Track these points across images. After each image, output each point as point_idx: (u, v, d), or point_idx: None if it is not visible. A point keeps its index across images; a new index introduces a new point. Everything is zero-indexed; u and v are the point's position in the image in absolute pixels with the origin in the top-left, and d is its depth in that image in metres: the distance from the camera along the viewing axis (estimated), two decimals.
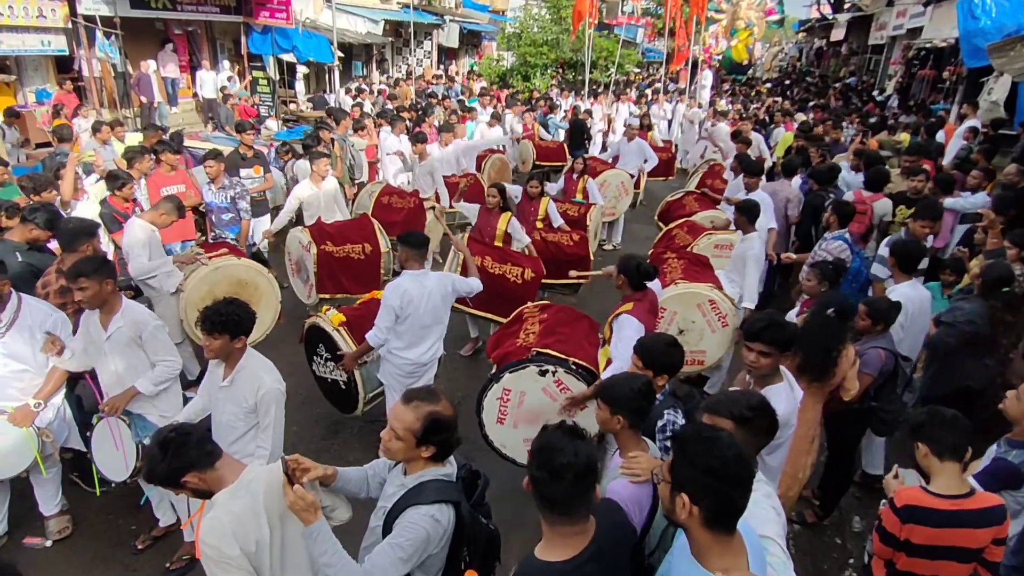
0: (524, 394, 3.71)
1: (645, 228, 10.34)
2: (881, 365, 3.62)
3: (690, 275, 5.09)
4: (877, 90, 21.36)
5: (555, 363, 3.63)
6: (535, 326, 4.08)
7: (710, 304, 4.82)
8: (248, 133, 6.83)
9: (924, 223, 4.82)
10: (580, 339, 3.95)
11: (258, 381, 2.97)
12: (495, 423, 3.81)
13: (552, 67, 22.59)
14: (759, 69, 34.72)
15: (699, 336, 4.91)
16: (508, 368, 3.71)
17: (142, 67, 15.27)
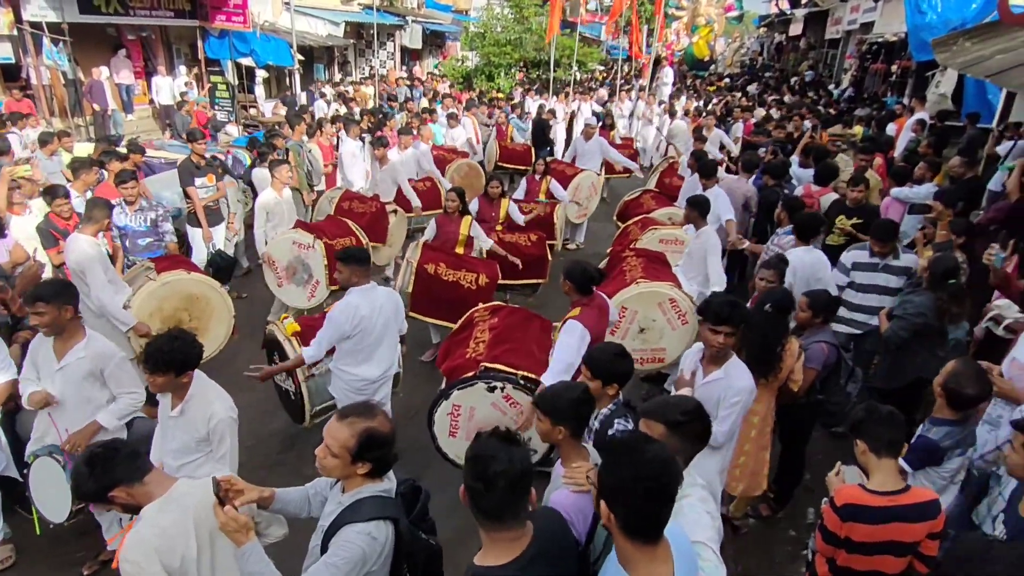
0: (474, 409, 3.73)
1: (608, 227, 10.39)
2: (824, 358, 3.70)
3: (650, 273, 5.14)
4: (833, 84, 21.81)
5: (503, 379, 3.63)
6: (485, 333, 4.08)
7: (670, 303, 4.89)
8: (200, 142, 6.68)
9: (879, 242, 4.79)
10: (530, 345, 3.95)
11: (209, 410, 2.91)
12: (448, 436, 3.81)
13: (516, 66, 22.58)
14: (721, 65, 35.16)
15: (659, 334, 4.98)
16: (456, 385, 3.71)
17: (94, 74, 14.88)
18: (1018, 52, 6.91)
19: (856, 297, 4.91)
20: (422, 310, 5.64)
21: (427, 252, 5.71)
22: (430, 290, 5.57)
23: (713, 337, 3.06)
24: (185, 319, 4.77)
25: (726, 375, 3.10)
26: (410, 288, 5.58)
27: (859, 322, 4.95)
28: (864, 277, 4.87)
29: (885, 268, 4.81)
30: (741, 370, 3.10)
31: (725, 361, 3.12)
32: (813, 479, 4.51)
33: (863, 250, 4.91)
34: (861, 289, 4.89)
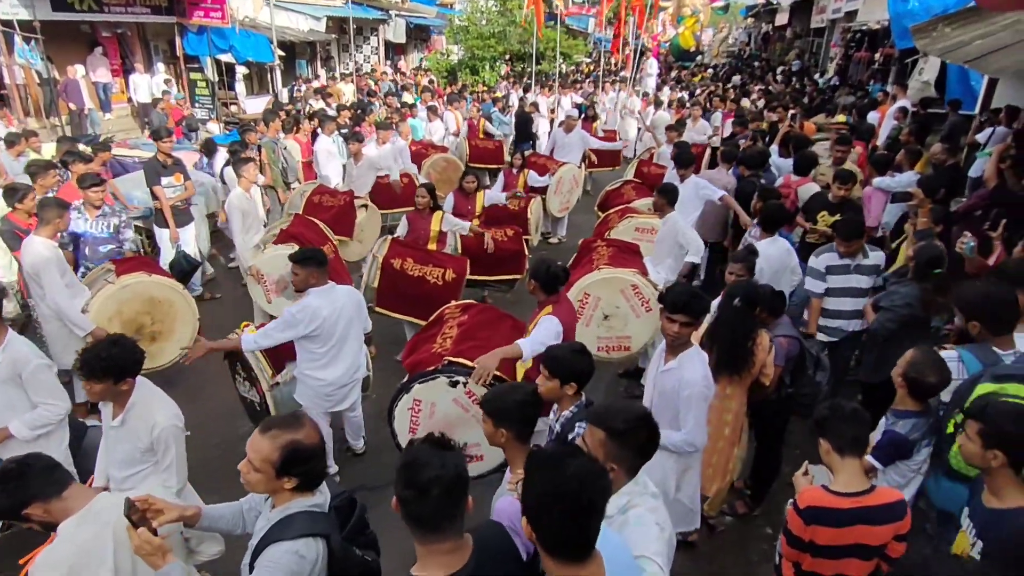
0: (435, 405, 3.60)
1: (591, 219, 10.30)
2: (785, 352, 3.62)
3: (616, 261, 5.11)
4: (819, 73, 21.75)
5: (465, 373, 3.52)
6: (453, 330, 3.97)
7: (633, 289, 4.87)
8: (165, 140, 6.51)
9: (847, 243, 4.48)
10: (499, 343, 3.82)
11: (152, 419, 2.79)
12: (407, 433, 3.69)
13: (500, 60, 22.42)
14: (707, 55, 35.06)
15: (624, 321, 4.97)
16: (418, 378, 3.58)
17: (69, 72, 14.63)
18: (997, 37, 6.84)
19: (832, 303, 4.62)
20: (388, 305, 5.53)
21: (394, 247, 5.61)
22: (396, 285, 5.48)
23: (669, 325, 3.00)
24: (147, 323, 4.65)
25: (679, 365, 3.03)
26: (376, 283, 5.49)
27: (835, 328, 4.67)
28: (839, 281, 4.60)
29: (857, 269, 4.57)
30: (695, 361, 3.02)
31: (682, 351, 3.04)
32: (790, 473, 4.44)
33: (832, 252, 4.60)
34: (837, 294, 4.62)
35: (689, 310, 2.93)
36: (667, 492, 3.11)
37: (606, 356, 5.04)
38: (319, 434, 2.07)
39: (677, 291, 2.99)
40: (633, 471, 2.05)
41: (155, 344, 4.75)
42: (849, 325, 4.61)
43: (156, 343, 4.75)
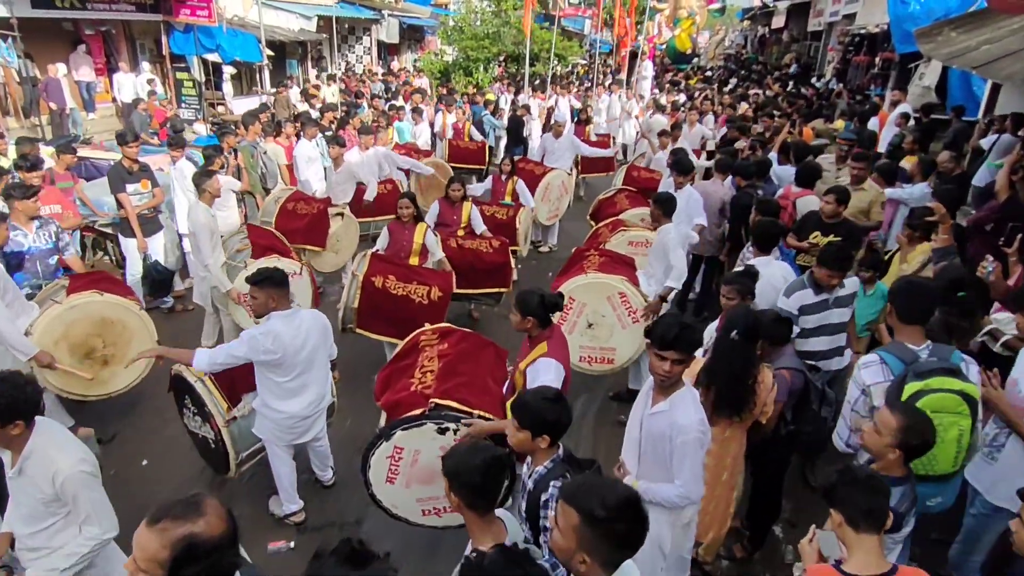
0: (419, 453, 3.24)
1: (582, 227, 9.97)
2: (788, 386, 3.30)
3: (606, 269, 4.83)
4: (816, 76, 21.50)
5: (456, 420, 3.15)
6: (433, 362, 3.60)
7: (620, 297, 4.59)
8: (131, 144, 6.15)
9: (830, 272, 3.86)
10: (484, 378, 3.50)
11: (53, 467, 2.45)
12: (384, 483, 3.33)
13: (494, 61, 22.09)
14: (703, 58, 34.81)
15: (609, 332, 4.71)
16: (401, 425, 3.21)
17: (50, 71, 14.23)
18: (1005, 42, 6.56)
19: (806, 344, 4.07)
20: (370, 326, 5.20)
21: (375, 263, 5.26)
22: (377, 305, 5.12)
23: (659, 364, 2.65)
24: (98, 346, 4.29)
25: (670, 407, 2.69)
26: (356, 303, 5.13)
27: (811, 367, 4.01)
28: (814, 321, 4.03)
29: (836, 302, 3.99)
30: (688, 402, 2.68)
31: (672, 391, 2.70)
32: (792, 510, 4.13)
33: (802, 287, 4.04)
34: (811, 334, 4.08)
35: (680, 345, 2.59)
36: (661, 547, 2.79)
37: (588, 368, 4.74)
38: (225, 520, 1.70)
39: (666, 323, 2.64)
40: (611, 567, 1.71)
41: (107, 368, 4.40)
42: (830, 364, 4.13)
43: (108, 367, 4.40)
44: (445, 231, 6.31)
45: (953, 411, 2.78)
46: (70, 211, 5.78)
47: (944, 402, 2.77)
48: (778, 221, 4.78)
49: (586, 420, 5.27)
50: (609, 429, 5.16)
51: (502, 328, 6.76)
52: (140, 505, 4.22)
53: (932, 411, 2.66)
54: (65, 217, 5.66)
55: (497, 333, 6.59)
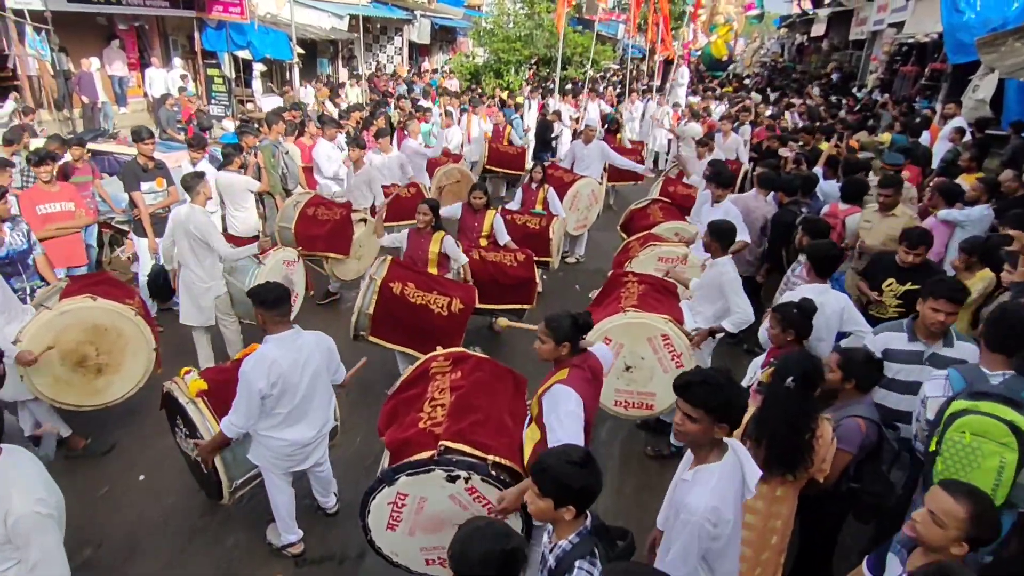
0: (425, 500, 2.90)
1: (612, 237, 9.58)
2: (861, 439, 2.89)
3: (647, 304, 4.35)
4: (857, 87, 20.79)
5: (468, 467, 2.80)
6: (445, 394, 3.23)
7: (662, 339, 4.10)
8: (146, 141, 5.96)
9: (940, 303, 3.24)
10: (502, 415, 3.13)
11: (6, 504, 2.17)
12: (384, 530, 3.00)
13: (526, 64, 21.77)
14: (739, 65, 34.09)
15: (649, 375, 4.21)
16: (406, 469, 2.84)
17: (83, 65, 14.33)
18: None
19: (887, 398, 3.45)
20: (384, 335, 4.89)
21: (394, 269, 4.97)
22: (393, 313, 4.83)
23: (683, 421, 2.26)
24: (91, 354, 4.04)
25: (692, 480, 2.29)
26: (371, 309, 4.84)
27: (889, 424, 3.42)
28: (903, 372, 3.42)
29: (932, 360, 3.36)
30: (708, 484, 2.24)
31: (708, 458, 2.29)
32: None
33: (899, 331, 3.49)
34: (896, 388, 3.44)
35: (691, 398, 2.21)
36: None
37: (623, 412, 4.32)
38: None
39: (699, 378, 2.24)
40: None
41: (102, 378, 4.16)
42: (913, 430, 3.32)
43: (103, 376, 4.16)
44: (466, 240, 6.01)
45: (997, 439, 2.61)
46: (82, 209, 5.59)
47: (987, 427, 2.63)
48: (837, 245, 4.28)
49: (611, 452, 4.90)
50: (636, 463, 4.78)
51: (523, 343, 6.42)
52: (132, 525, 4.02)
53: (973, 433, 2.63)
54: (78, 216, 5.49)
55: (518, 349, 6.26)
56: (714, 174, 5.90)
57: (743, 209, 5.72)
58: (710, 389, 2.20)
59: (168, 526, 4.03)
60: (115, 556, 3.81)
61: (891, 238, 5.12)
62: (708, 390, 2.20)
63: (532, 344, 3.06)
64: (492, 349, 6.30)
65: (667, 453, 4.74)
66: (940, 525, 2.07)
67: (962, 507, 2.05)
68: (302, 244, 6.35)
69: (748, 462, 2.32)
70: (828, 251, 4.08)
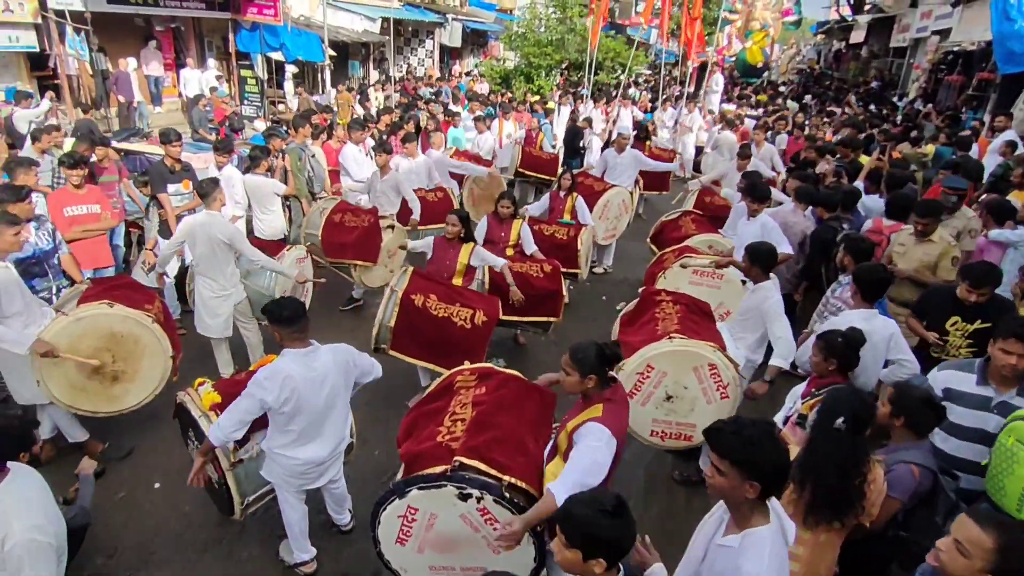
0: (436, 517, 2.78)
1: (640, 248, 9.37)
2: (915, 487, 2.65)
3: (688, 328, 4.07)
4: (896, 96, 20.20)
5: (481, 486, 2.67)
6: (467, 409, 3.11)
7: (709, 369, 3.82)
8: (174, 144, 5.94)
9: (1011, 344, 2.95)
10: (523, 435, 2.98)
11: (5, 530, 2.10)
12: (393, 543, 2.89)
13: (557, 68, 21.62)
14: (775, 72, 33.44)
15: (690, 406, 3.94)
16: (417, 482, 2.74)
17: (121, 65, 14.58)
18: None
19: (948, 444, 3.15)
20: (404, 349, 4.77)
21: (416, 280, 4.84)
22: (415, 326, 4.70)
23: (712, 472, 2.07)
24: (108, 361, 3.98)
25: (740, 547, 2.05)
26: (392, 322, 4.72)
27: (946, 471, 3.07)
28: (967, 417, 3.09)
29: (1000, 408, 3.03)
30: (762, 548, 2.00)
31: (752, 520, 2.06)
32: None
33: (968, 371, 3.17)
34: (958, 434, 3.13)
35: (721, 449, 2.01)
36: None
37: (660, 443, 4.08)
38: None
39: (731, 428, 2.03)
40: None
41: (118, 385, 4.10)
42: (979, 482, 3.05)
43: (119, 384, 4.11)
44: (492, 250, 5.86)
45: None
46: (108, 211, 5.58)
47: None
48: (886, 267, 3.99)
49: (635, 474, 4.70)
50: (663, 488, 4.58)
51: (551, 356, 6.25)
52: (147, 533, 3.95)
53: (1017, 439, 2.68)
54: (103, 218, 5.47)
55: (545, 362, 6.09)
56: (749, 187, 5.69)
57: (780, 224, 5.49)
58: (741, 441, 1.97)
59: (183, 537, 3.95)
60: (128, 565, 3.74)
61: (925, 265, 4.86)
62: (738, 442, 1.98)
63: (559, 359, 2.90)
64: (516, 362, 6.15)
65: (695, 479, 4.53)
66: (965, 555, 1.91)
67: (989, 537, 1.89)
68: (329, 252, 6.28)
69: (785, 518, 2.12)
70: (877, 274, 3.79)
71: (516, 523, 2.59)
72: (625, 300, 7.87)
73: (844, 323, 3.50)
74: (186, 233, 4.89)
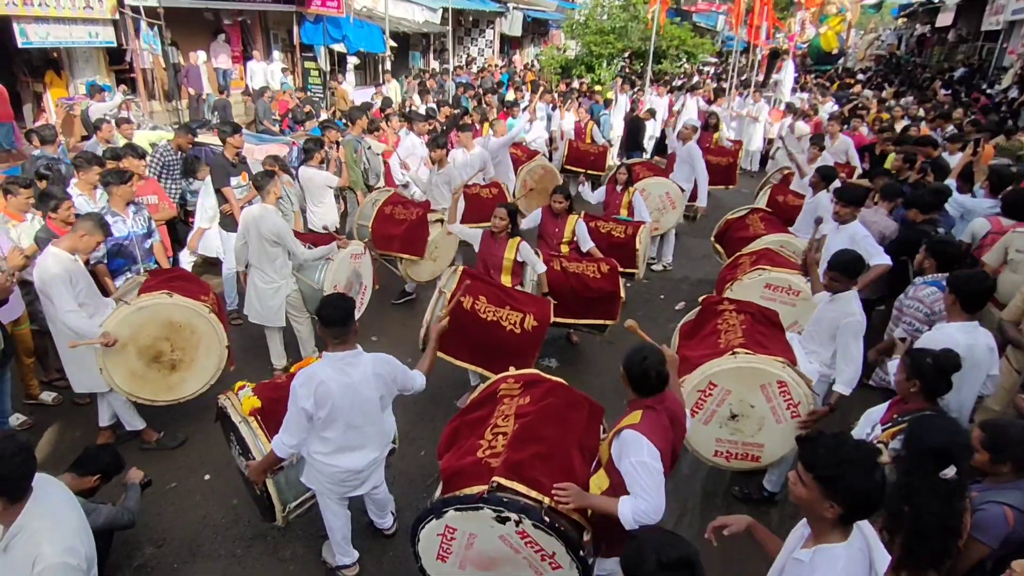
0: (475, 537, 2.66)
1: (701, 245, 8.99)
2: (1007, 532, 2.32)
3: (753, 342, 3.75)
4: (988, 82, 18.76)
5: (520, 509, 2.51)
6: (509, 421, 2.96)
7: (779, 387, 3.52)
8: (235, 135, 5.99)
9: None
10: (569, 451, 2.80)
11: (35, 552, 2.08)
12: (435, 559, 2.78)
13: (619, 57, 21.10)
14: (851, 59, 31.69)
15: (757, 425, 3.65)
16: (454, 504, 2.62)
17: (191, 58, 15.06)
18: None
19: None
20: (451, 351, 4.62)
21: (465, 280, 4.70)
22: (464, 328, 4.54)
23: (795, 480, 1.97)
24: (166, 350, 4.04)
25: (811, 564, 1.93)
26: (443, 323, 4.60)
27: None
28: None
29: None
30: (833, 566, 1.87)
31: (829, 536, 1.93)
32: None
33: None
34: None
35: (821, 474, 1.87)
36: None
37: (724, 464, 3.80)
38: None
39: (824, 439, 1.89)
40: None
41: (175, 374, 4.16)
42: None
43: (177, 372, 4.16)
44: (546, 247, 5.68)
45: None
46: (166, 202, 5.69)
47: None
48: (988, 276, 3.57)
49: (692, 488, 4.45)
50: (722, 504, 4.31)
51: (605, 357, 6.03)
52: (195, 525, 3.99)
53: None
54: (161, 208, 5.57)
55: (599, 363, 5.88)
56: (841, 190, 5.08)
57: (861, 223, 5.04)
58: (834, 459, 1.84)
59: (230, 531, 3.96)
60: (175, 557, 3.77)
61: None
62: (830, 458, 1.85)
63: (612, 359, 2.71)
64: (569, 362, 5.96)
65: (756, 497, 4.24)
66: None
67: None
68: (378, 243, 6.24)
69: (877, 545, 1.92)
70: (978, 283, 3.32)
71: (575, 496, 2.54)
72: (684, 300, 7.54)
73: (942, 338, 3.16)
74: (244, 225, 4.96)
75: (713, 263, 8.02)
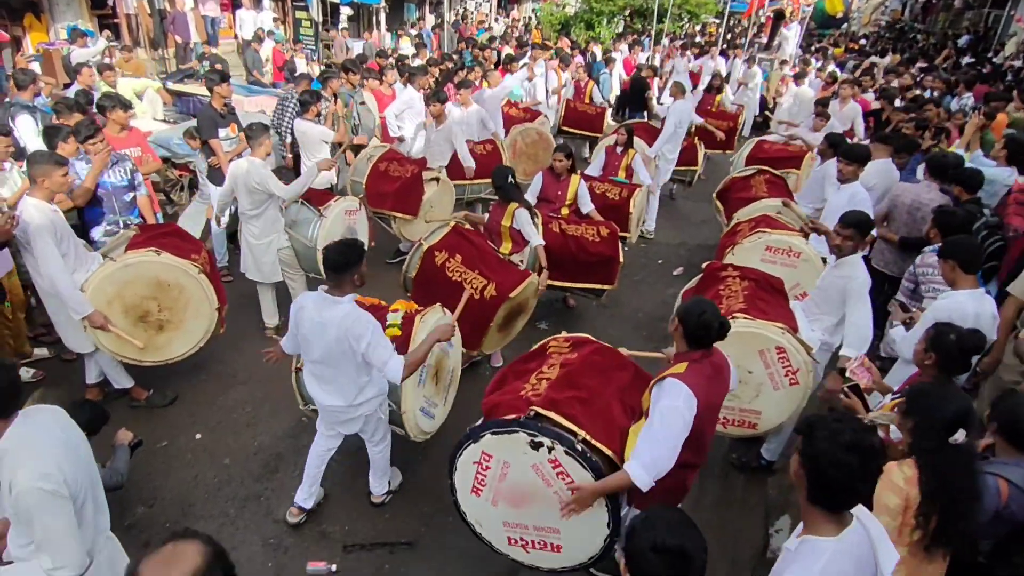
0: (508, 466, 2.69)
1: (700, 210, 8.86)
2: (997, 506, 2.25)
3: (755, 307, 3.69)
4: (992, 51, 18.45)
5: (554, 436, 2.55)
6: (553, 370, 2.96)
7: (777, 353, 3.48)
8: (223, 84, 5.75)
9: None
10: (609, 402, 2.79)
11: (11, 477, 2.02)
12: (469, 492, 2.83)
13: (620, 15, 20.53)
14: (856, 23, 31.06)
15: (755, 392, 3.62)
16: (491, 427, 2.68)
17: (178, 4, 14.50)
18: None
19: None
20: (421, 302, 4.52)
21: (450, 238, 4.64)
22: (428, 283, 4.57)
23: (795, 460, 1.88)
24: (153, 309, 3.91)
25: (793, 553, 1.84)
26: (413, 273, 4.63)
27: None
28: None
29: None
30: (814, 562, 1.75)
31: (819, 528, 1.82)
32: None
33: None
34: None
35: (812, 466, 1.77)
36: None
37: (720, 430, 3.77)
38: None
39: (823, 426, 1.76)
40: None
41: (163, 334, 4.04)
42: None
43: (164, 333, 4.04)
44: (547, 209, 5.52)
45: None
46: (149, 154, 5.47)
47: None
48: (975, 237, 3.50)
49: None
50: (720, 472, 4.27)
51: (601, 321, 5.96)
52: (187, 485, 3.94)
53: None
54: (145, 161, 5.35)
55: (595, 327, 5.79)
56: (847, 150, 4.99)
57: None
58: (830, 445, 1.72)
59: (222, 491, 3.91)
60: (166, 516, 3.72)
61: None
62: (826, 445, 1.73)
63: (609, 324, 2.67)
64: (564, 326, 5.88)
65: (754, 465, 4.23)
66: None
67: None
68: (371, 201, 6.06)
69: (883, 543, 1.81)
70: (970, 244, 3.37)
71: (586, 488, 2.53)
72: (683, 265, 7.44)
73: (955, 306, 3.16)
74: (232, 179, 4.80)
75: (711, 228, 7.91)
